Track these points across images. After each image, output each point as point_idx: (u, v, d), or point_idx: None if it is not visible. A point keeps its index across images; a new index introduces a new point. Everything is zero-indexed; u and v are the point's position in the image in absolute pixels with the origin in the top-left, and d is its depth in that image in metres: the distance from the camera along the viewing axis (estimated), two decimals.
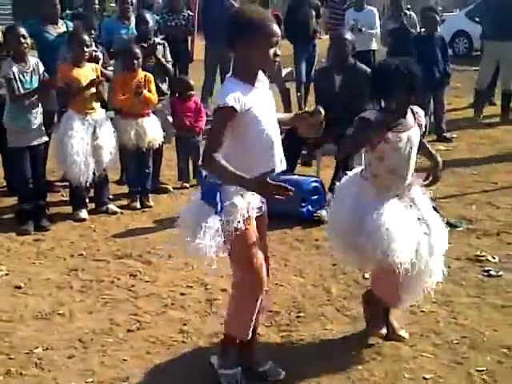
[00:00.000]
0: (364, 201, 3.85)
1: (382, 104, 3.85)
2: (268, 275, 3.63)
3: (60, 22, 7.27)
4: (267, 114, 3.40)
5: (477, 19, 11.35)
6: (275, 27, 3.29)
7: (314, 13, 11.13)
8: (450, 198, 6.72)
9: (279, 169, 3.44)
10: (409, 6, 12.47)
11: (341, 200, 4.00)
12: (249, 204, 3.37)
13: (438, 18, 9.98)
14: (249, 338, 3.67)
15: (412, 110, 3.94)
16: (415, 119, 3.92)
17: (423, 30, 9.67)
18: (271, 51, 3.28)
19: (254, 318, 3.60)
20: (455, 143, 9.08)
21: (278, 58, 3.35)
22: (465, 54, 18.26)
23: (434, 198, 4.15)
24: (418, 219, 3.87)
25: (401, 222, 3.75)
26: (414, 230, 3.82)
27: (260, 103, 3.35)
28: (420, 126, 3.94)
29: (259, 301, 3.56)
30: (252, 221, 3.42)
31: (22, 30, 5.95)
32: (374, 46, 10.58)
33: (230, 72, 3.46)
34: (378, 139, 3.76)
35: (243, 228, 3.34)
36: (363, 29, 10.30)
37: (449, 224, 5.81)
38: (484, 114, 10.72)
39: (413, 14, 10.87)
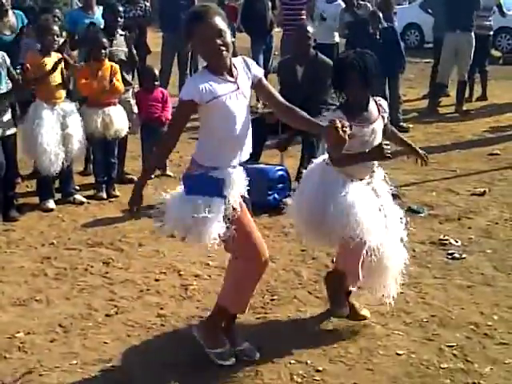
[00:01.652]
0: (328, 184, 3.95)
1: (343, 97, 3.97)
2: None
3: (9, 12, 7.18)
4: (235, 104, 3.43)
5: (430, 11, 11.55)
6: (209, 19, 3.34)
7: (270, 4, 11.28)
8: (411, 186, 6.92)
9: (243, 160, 3.56)
10: None
11: (305, 185, 4.14)
12: (239, 183, 3.51)
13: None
14: (242, 311, 3.82)
15: (375, 101, 4.06)
16: (379, 111, 4.04)
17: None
18: (211, 43, 3.33)
19: (252, 293, 3.77)
20: (412, 133, 9.29)
21: (223, 48, 3.35)
22: (416, 46, 18.51)
23: (395, 186, 4.31)
24: (379, 209, 3.98)
25: (367, 203, 3.88)
26: (378, 212, 3.95)
27: (227, 94, 3.40)
28: (383, 117, 4.06)
29: (260, 276, 3.72)
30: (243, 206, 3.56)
31: None
32: (337, 39, 10.74)
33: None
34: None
35: (241, 210, 3.52)
36: (326, 18, 10.43)
37: (411, 210, 6.07)
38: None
39: (368, 4, 11.02)
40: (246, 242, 3.59)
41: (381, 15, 9.48)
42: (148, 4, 10.01)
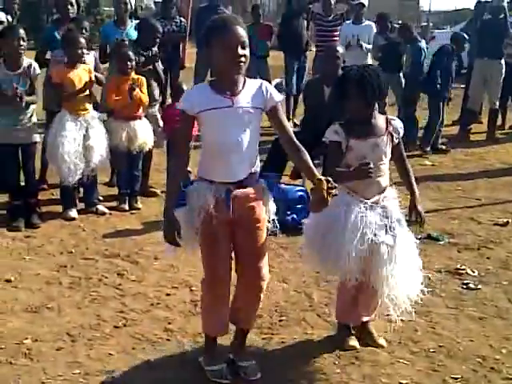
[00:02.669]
0: (332, 207, 3.89)
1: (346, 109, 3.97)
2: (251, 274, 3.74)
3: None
4: (225, 120, 3.44)
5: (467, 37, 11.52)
6: (232, 28, 3.35)
7: (305, 23, 11.36)
8: (434, 213, 6.86)
9: (233, 179, 3.53)
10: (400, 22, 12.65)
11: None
12: (206, 200, 3.50)
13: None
14: (218, 334, 3.82)
15: (387, 118, 4.03)
16: (387, 127, 3.98)
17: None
18: (230, 53, 3.34)
19: (222, 313, 3.73)
20: (440, 159, 9.25)
21: (243, 59, 3.36)
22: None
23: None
24: (386, 230, 3.93)
25: (357, 238, 3.82)
26: (370, 244, 3.87)
27: (218, 109, 3.42)
28: (392, 134, 3.99)
29: (221, 297, 3.68)
30: (212, 220, 3.51)
31: (22, 32, 6.05)
32: (370, 61, 10.73)
33: None
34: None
35: (202, 224, 3.51)
36: (363, 45, 10.45)
37: (430, 237, 6.04)
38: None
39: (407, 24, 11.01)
40: (205, 256, 3.63)
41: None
42: (183, 20, 10.12)
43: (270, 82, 10.99)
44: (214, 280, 3.65)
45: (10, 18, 8.88)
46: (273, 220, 3.79)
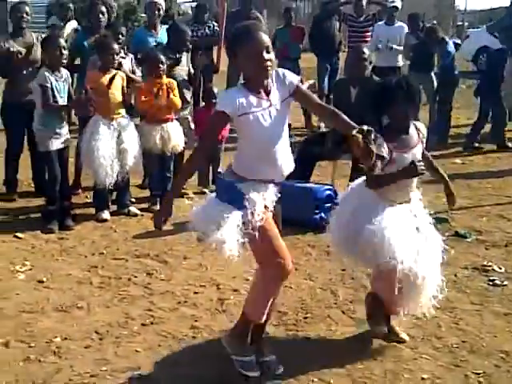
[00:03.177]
0: (365, 207, 4.02)
1: (384, 120, 4.01)
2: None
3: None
4: (267, 122, 3.53)
5: (496, 34, 11.46)
6: (257, 35, 3.45)
7: (338, 25, 11.40)
8: (462, 210, 6.85)
9: (278, 179, 3.65)
10: (435, 22, 12.63)
11: (343, 205, 4.21)
12: (264, 198, 3.58)
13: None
14: (262, 321, 3.85)
15: (415, 125, 4.09)
16: (418, 135, 4.07)
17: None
18: (258, 59, 3.43)
19: (270, 303, 3.80)
20: (471, 157, 9.22)
21: (269, 63, 3.46)
22: None
23: (445, 210, 4.32)
24: (417, 228, 4.02)
25: (401, 229, 3.91)
26: (413, 237, 3.97)
27: (259, 111, 3.51)
28: (422, 142, 4.10)
29: (280, 287, 3.82)
30: (269, 214, 3.63)
31: (63, 42, 6.27)
32: (400, 62, 10.73)
33: None
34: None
35: (264, 221, 3.56)
36: (393, 46, 10.45)
37: (458, 234, 6.04)
38: None
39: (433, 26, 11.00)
40: (267, 248, 3.65)
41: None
42: (216, 24, 10.23)
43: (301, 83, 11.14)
44: (283, 269, 3.70)
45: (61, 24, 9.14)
46: None
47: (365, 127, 3.49)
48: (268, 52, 3.47)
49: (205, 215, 3.62)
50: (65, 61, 6.27)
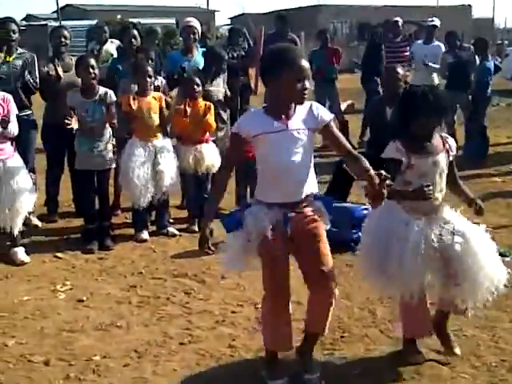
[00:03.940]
0: (390, 222, 4.00)
1: (405, 129, 4.00)
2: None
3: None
4: (280, 145, 3.56)
5: None
6: (300, 62, 3.49)
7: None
8: (502, 229, 6.78)
9: (290, 200, 3.67)
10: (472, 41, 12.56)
11: (370, 222, 4.20)
12: (262, 227, 3.62)
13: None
14: (279, 349, 3.92)
15: (441, 136, 4.09)
16: (444, 145, 4.07)
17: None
18: (298, 86, 3.49)
19: (283, 330, 3.83)
20: (504, 176, 9.14)
21: (306, 92, 3.53)
22: None
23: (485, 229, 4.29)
24: (452, 233, 3.99)
25: (418, 254, 3.91)
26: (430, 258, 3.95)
27: (274, 132, 3.55)
28: (448, 152, 4.08)
29: (282, 313, 3.81)
30: (269, 241, 3.64)
31: (92, 61, 6.37)
32: (436, 80, 10.69)
33: None
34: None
35: (266, 245, 3.62)
36: (428, 63, 10.42)
37: (497, 253, 5.96)
38: None
39: (471, 46, 10.95)
40: (263, 274, 3.76)
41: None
42: (252, 46, 10.32)
43: (339, 105, 11.19)
44: (275, 297, 3.78)
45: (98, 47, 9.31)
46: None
47: (383, 172, 3.53)
48: (308, 79, 3.52)
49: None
50: (94, 80, 6.37)
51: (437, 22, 10.77)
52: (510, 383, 3.94)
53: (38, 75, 6.97)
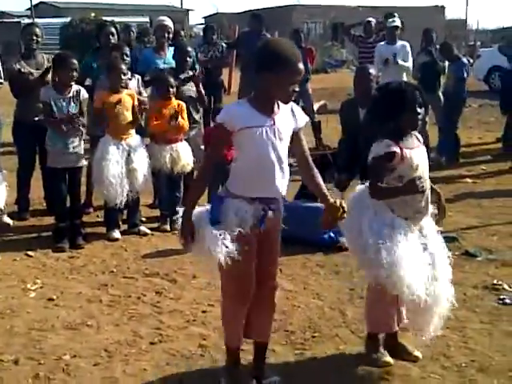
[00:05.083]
0: (379, 222, 4.00)
1: (389, 125, 3.99)
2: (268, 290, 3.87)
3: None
4: (266, 138, 3.55)
5: (508, 54, 11.46)
6: (300, 66, 3.49)
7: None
8: (473, 229, 6.85)
9: (276, 195, 3.67)
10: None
11: (355, 214, 4.16)
12: (241, 220, 3.59)
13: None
14: (236, 345, 3.92)
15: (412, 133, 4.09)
16: (419, 140, 4.10)
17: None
18: (290, 87, 3.49)
19: (242, 325, 3.84)
20: (482, 176, 9.22)
21: (295, 95, 3.55)
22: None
23: (455, 229, 4.32)
24: (424, 248, 4.01)
25: (413, 255, 3.92)
26: (422, 261, 3.97)
27: (260, 127, 3.53)
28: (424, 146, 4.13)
29: (244, 310, 3.80)
30: (246, 237, 3.61)
31: (75, 62, 6.38)
32: (405, 79, 10.72)
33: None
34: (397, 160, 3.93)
35: (240, 240, 3.58)
36: (399, 62, 10.44)
37: (468, 253, 6.03)
38: None
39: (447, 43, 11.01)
40: (232, 270, 3.64)
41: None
42: (225, 45, 10.33)
43: (311, 105, 11.20)
44: (242, 294, 3.74)
45: None
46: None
47: (343, 204, 3.65)
48: (298, 83, 3.52)
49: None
50: (73, 81, 6.35)
51: (397, 22, 10.80)
52: (478, 383, 3.97)
53: (2, 70, 6.91)
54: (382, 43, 10.76)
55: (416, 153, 4.00)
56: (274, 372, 3.97)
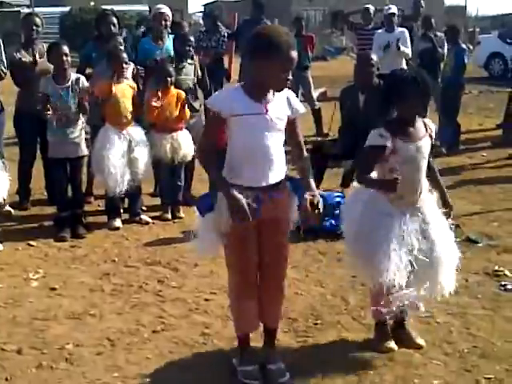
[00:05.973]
0: (373, 212, 4.02)
1: (393, 113, 3.98)
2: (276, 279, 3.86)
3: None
4: (258, 126, 3.53)
5: (509, 40, 11.43)
6: (292, 53, 3.45)
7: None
8: (474, 215, 6.87)
9: (264, 184, 3.62)
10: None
11: (351, 209, 4.21)
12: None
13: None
14: (250, 331, 3.95)
15: (424, 121, 4.06)
16: (426, 130, 4.04)
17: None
18: (283, 75, 3.46)
19: (252, 313, 3.84)
20: (483, 162, 9.22)
21: (289, 83, 3.52)
22: (500, 76, 18.24)
23: (457, 216, 4.32)
24: (424, 236, 4.00)
25: (394, 244, 3.93)
26: (406, 250, 3.96)
27: (251, 115, 3.51)
28: (431, 137, 4.06)
29: (251, 299, 3.80)
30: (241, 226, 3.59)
31: (65, 48, 6.31)
32: (405, 67, 10.69)
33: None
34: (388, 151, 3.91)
35: (235, 228, 3.59)
36: (401, 47, 10.38)
37: (469, 239, 6.04)
38: None
39: (441, 34, 10.98)
40: (233, 257, 3.75)
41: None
42: (225, 36, 10.31)
43: (310, 92, 11.18)
44: (244, 283, 3.77)
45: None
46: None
47: (320, 200, 3.58)
48: (291, 70, 3.49)
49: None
50: (67, 67, 6.31)
51: (394, 9, 10.76)
52: (481, 369, 3.98)
53: (5, 60, 6.89)
54: (381, 30, 10.72)
55: (412, 146, 3.94)
56: (279, 358, 3.97)
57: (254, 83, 3.58)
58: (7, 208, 6.90)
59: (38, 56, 6.93)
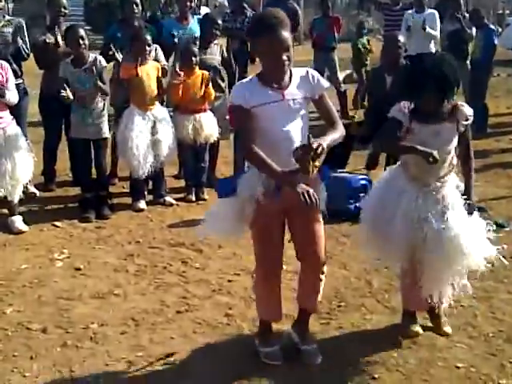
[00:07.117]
0: (391, 190, 4.00)
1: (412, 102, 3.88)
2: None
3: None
4: (277, 114, 3.50)
5: None
6: (280, 33, 3.39)
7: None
8: (500, 199, 6.79)
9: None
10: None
11: (370, 194, 4.19)
12: (255, 192, 3.57)
13: None
14: (272, 320, 3.95)
15: (454, 104, 3.87)
16: (454, 114, 3.85)
17: None
18: (273, 56, 3.41)
19: (275, 301, 3.86)
20: (511, 146, 9.11)
21: (287, 62, 3.44)
22: None
23: (483, 199, 4.23)
24: (444, 218, 3.90)
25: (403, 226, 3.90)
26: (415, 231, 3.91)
27: (269, 103, 3.48)
28: (458, 122, 3.86)
29: (274, 285, 3.81)
30: (264, 210, 3.59)
31: (81, 31, 6.33)
32: (433, 49, 10.56)
33: None
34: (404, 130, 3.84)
35: (259, 217, 3.60)
36: (427, 28, 10.25)
37: (496, 223, 5.95)
38: None
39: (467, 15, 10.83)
40: (255, 248, 3.75)
41: None
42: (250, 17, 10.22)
43: (336, 74, 11.09)
44: (267, 269, 3.77)
45: None
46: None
47: (321, 144, 3.35)
48: (287, 51, 3.43)
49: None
50: (84, 50, 6.31)
51: None
52: (506, 353, 3.95)
53: (27, 41, 6.91)
54: (410, 11, 10.59)
55: (428, 129, 3.81)
56: (312, 340, 3.98)
57: (265, 71, 3.56)
58: (32, 189, 6.94)
59: (60, 38, 6.93)
